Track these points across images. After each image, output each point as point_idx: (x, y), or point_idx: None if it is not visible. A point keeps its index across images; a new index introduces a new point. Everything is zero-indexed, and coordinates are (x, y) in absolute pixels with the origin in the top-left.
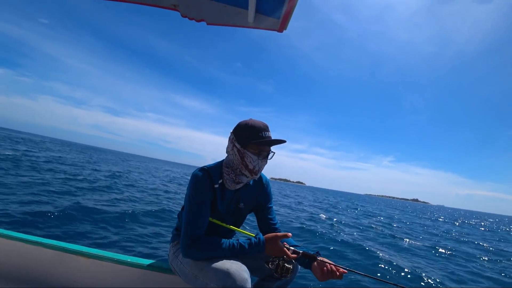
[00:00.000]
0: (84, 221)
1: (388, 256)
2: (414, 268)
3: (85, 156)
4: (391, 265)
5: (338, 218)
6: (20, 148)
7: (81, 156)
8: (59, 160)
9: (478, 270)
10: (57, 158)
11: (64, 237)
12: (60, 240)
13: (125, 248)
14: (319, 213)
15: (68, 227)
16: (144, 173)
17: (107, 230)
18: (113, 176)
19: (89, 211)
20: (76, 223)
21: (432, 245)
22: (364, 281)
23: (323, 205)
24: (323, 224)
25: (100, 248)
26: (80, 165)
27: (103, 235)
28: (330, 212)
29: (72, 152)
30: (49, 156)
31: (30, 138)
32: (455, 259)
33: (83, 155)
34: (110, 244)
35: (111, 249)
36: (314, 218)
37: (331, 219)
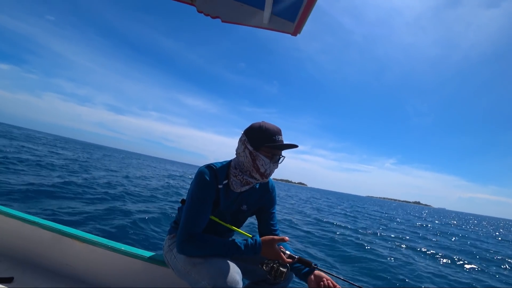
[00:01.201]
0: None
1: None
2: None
3: (93, 155)
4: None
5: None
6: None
7: (86, 155)
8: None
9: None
10: (77, 160)
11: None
12: (57, 223)
13: (121, 237)
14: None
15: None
16: (145, 170)
17: (105, 219)
18: (116, 175)
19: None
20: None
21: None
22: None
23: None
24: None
25: (96, 234)
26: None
27: (102, 223)
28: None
29: (85, 151)
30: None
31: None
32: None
33: (87, 154)
34: (107, 232)
35: (106, 236)
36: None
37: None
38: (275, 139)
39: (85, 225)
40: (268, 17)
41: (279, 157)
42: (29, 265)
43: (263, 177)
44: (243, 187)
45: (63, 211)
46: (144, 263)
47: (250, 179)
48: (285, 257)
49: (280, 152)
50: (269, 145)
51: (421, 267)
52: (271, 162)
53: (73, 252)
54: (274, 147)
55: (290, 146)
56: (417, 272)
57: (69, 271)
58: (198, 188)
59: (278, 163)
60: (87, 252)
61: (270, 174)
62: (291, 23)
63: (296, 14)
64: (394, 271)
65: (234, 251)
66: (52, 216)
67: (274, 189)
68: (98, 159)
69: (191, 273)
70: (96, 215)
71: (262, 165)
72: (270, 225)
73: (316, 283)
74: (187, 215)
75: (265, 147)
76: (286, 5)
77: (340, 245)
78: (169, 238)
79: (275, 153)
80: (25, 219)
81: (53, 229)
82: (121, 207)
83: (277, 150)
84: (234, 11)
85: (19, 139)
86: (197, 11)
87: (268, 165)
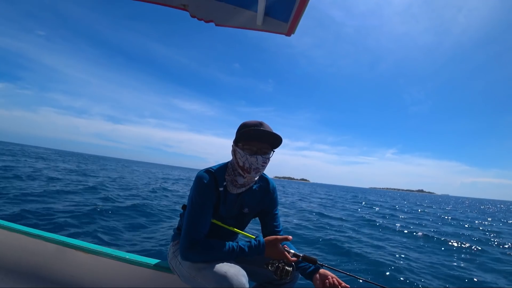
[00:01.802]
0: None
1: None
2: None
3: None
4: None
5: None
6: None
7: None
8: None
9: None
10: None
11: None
12: (60, 234)
13: (125, 246)
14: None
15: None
16: (145, 177)
17: (109, 228)
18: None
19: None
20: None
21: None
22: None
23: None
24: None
25: (100, 244)
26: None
27: (105, 232)
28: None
29: (89, 163)
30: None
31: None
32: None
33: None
34: (110, 241)
35: (110, 245)
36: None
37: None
38: (250, 131)
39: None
40: (262, 18)
41: (256, 149)
42: (35, 278)
43: (245, 171)
44: (239, 189)
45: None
46: (150, 270)
47: (238, 178)
48: (289, 256)
49: (254, 143)
50: (242, 137)
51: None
52: (247, 154)
53: (78, 263)
54: (246, 137)
55: (262, 135)
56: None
57: (74, 282)
58: (197, 193)
59: (260, 156)
60: (91, 263)
61: (253, 169)
62: (284, 23)
63: (289, 15)
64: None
65: (238, 253)
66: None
67: (275, 190)
68: (94, 169)
69: (197, 279)
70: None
71: (240, 159)
72: (274, 226)
73: (322, 281)
74: (189, 221)
75: (242, 141)
76: (279, 6)
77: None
78: (173, 244)
79: (251, 144)
80: (28, 232)
81: (57, 241)
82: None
83: (251, 141)
84: (228, 14)
85: (19, 155)
86: (190, 16)
87: (244, 158)
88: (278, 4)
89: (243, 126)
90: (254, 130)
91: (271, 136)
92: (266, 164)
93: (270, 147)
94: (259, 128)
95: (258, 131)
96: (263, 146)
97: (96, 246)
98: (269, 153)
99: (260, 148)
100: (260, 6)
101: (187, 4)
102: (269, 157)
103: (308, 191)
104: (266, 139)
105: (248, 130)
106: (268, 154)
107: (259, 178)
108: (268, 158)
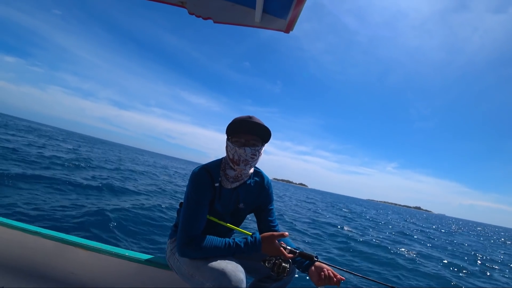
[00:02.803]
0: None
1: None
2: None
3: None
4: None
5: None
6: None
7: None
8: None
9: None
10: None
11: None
12: (60, 231)
13: (124, 242)
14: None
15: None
16: (146, 167)
17: (109, 224)
18: (118, 170)
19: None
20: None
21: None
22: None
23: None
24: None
25: (99, 241)
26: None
27: (105, 229)
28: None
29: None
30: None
31: (40, 127)
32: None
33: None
34: (109, 237)
35: (110, 242)
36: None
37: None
38: (238, 124)
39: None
40: (260, 15)
41: (244, 141)
42: (34, 275)
43: (234, 163)
44: (233, 183)
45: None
46: (149, 267)
47: (228, 171)
48: (286, 253)
49: (243, 135)
50: (232, 131)
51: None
52: (236, 147)
53: (78, 260)
54: (235, 130)
55: (249, 125)
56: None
57: (74, 280)
58: (193, 190)
59: (248, 148)
60: (91, 260)
61: (242, 161)
62: (283, 20)
63: (287, 11)
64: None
65: (235, 250)
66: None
67: (270, 185)
68: (99, 154)
69: (195, 276)
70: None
71: (229, 151)
72: (269, 221)
73: (317, 274)
74: (185, 218)
75: (231, 135)
76: (277, 3)
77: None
78: (170, 242)
79: (240, 137)
80: (27, 229)
81: (56, 238)
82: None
83: (238, 134)
84: (226, 11)
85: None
86: (188, 12)
87: (233, 150)
88: (276, 1)
89: (234, 120)
90: (241, 122)
91: (259, 127)
92: (256, 156)
93: (260, 140)
94: (247, 120)
95: (245, 123)
96: (252, 138)
97: (96, 243)
98: (259, 146)
99: (248, 140)
100: (258, 3)
101: (185, 1)
102: (258, 149)
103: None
104: (254, 131)
105: (236, 122)
106: (258, 146)
107: (254, 174)
108: (257, 151)
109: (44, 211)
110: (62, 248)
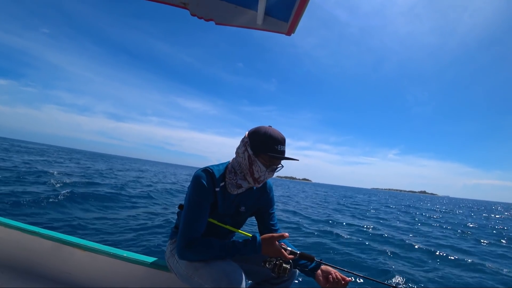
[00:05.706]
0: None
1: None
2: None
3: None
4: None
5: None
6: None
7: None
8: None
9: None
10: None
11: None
12: (57, 231)
13: (123, 243)
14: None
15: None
16: (146, 175)
17: (105, 224)
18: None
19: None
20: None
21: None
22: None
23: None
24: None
25: (97, 241)
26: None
27: (102, 229)
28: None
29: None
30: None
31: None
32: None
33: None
34: (108, 238)
35: (108, 243)
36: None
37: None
38: (276, 149)
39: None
40: (262, 17)
41: (276, 167)
42: (31, 275)
43: (256, 182)
44: (239, 189)
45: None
46: (147, 268)
47: (242, 182)
48: (286, 254)
49: (278, 162)
50: (268, 154)
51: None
52: (267, 170)
53: (74, 260)
54: (273, 157)
55: (289, 159)
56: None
57: (71, 280)
58: (195, 192)
59: (274, 172)
60: (88, 260)
61: (263, 180)
62: (285, 23)
63: (289, 14)
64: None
65: (235, 252)
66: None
67: (272, 189)
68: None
69: (194, 277)
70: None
71: (258, 171)
72: (270, 225)
73: (324, 277)
74: (186, 221)
75: (264, 154)
76: (279, 5)
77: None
78: (170, 243)
79: (273, 162)
80: (25, 229)
81: (54, 238)
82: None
83: (276, 160)
84: (228, 13)
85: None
86: (190, 14)
87: (263, 173)
88: (278, 4)
89: (270, 140)
90: (279, 150)
91: (293, 160)
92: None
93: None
94: (283, 145)
95: (283, 152)
96: (280, 163)
97: (93, 243)
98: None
99: (278, 165)
100: (260, 5)
101: (187, 2)
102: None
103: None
104: (283, 157)
105: (271, 144)
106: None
107: None
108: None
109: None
110: (60, 248)
